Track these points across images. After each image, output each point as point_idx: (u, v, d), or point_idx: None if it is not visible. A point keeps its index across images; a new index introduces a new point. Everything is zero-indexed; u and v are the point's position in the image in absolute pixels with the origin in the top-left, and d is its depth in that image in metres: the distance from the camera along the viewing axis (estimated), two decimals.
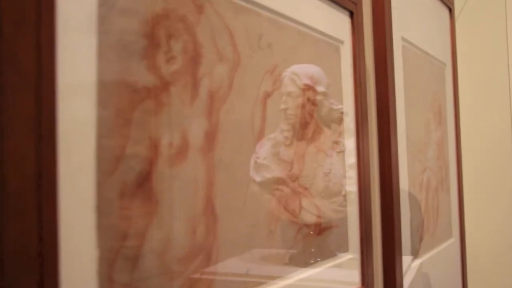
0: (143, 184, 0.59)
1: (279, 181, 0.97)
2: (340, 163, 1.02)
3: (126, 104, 0.58)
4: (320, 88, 0.98)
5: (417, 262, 1.34)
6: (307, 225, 0.86)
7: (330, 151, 1.00)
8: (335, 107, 1.02)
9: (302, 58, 0.87)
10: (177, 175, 0.63)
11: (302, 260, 0.86)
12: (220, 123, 0.69)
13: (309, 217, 0.98)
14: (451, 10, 1.66)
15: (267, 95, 0.78)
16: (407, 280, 1.27)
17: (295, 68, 0.99)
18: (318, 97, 0.97)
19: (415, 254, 1.29)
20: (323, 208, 0.96)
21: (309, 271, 0.87)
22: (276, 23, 0.82)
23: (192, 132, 0.65)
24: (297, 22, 0.86)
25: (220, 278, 0.68)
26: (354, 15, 1.04)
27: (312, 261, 0.88)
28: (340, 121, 1.02)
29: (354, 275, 1.00)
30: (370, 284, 1.02)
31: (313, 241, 0.88)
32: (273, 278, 0.78)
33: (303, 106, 0.97)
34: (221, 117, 0.70)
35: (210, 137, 0.68)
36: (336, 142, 1.01)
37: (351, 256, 0.98)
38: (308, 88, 0.97)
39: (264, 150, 0.95)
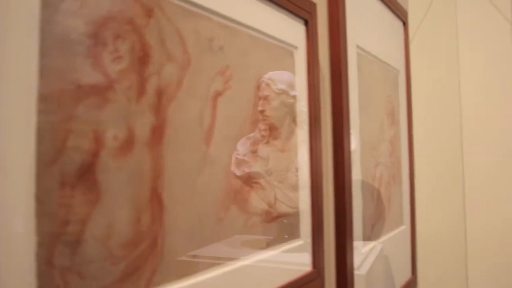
0: (85, 175, 0.55)
1: (257, 175, 0.93)
2: (304, 160, 0.98)
3: (69, 100, 0.53)
4: (292, 92, 0.95)
5: (374, 248, 1.31)
6: (258, 214, 0.81)
7: (300, 148, 0.96)
8: (304, 109, 0.99)
9: (254, 61, 0.83)
10: (122, 167, 0.59)
11: (252, 245, 0.81)
12: (168, 119, 0.65)
13: (283, 208, 0.95)
14: (404, 23, 1.63)
15: (218, 94, 0.74)
16: (364, 265, 1.24)
17: (271, 74, 0.95)
18: (290, 100, 0.94)
19: (367, 239, 1.25)
20: (294, 199, 0.92)
21: (259, 255, 0.82)
22: (228, 28, 0.77)
23: (138, 126, 0.61)
24: (249, 28, 0.82)
25: (166, 263, 0.64)
26: (308, 23, 1.00)
27: (263, 247, 0.84)
28: (303, 122, 0.99)
29: (306, 259, 0.96)
30: (320, 267, 0.98)
31: (264, 228, 0.84)
32: (221, 260, 0.74)
33: (278, 108, 0.94)
34: (169, 114, 0.65)
35: (158, 132, 0.63)
36: (305, 141, 0.98)
37: (302, 242, 0.94)
38: (282, 92, 0.93)
39: (244, 147, 0.91)
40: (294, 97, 0.95)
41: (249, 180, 0.91)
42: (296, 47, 0.96)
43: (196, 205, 0.69)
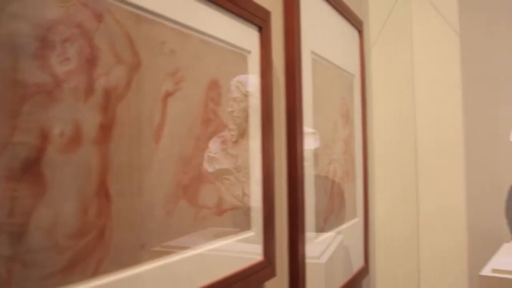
0: (31, 169, 0.54)
1: (227, 172, 0.93)
2: (257, 158, 0.99)
3: (14, 98, 0.53)
4: (257, 94, 0.95)
5: (326, 238, 1.32)
6: (208, 207, 0.81)
7: (254, 146, 0.96)
8: (252, 111, 0.99)
9: (207, 64, 0.83)
10: (69, 162, 0.58)
11: (204, 236, 0.81)
12: (117, 117, 0.65)
13: (251, 201, 0.95)
14: (360, 32, 1.64)
15: (169, 94, 0.74)
16: (316, 254, 1.24)
17: (240, 77, 0.96)
18: (256, 101, 0.94)
19: (320, 231, 1.25)
20: (240, 196, 0.92)
21: (210, 245, 0.82)
22: (181, 33, 0.77)
23: (85, 124, 0.60)
24: (202, 33, 0.82)
25: (114, 252, 0.63)
26: (262, 30, 1.00)
27: (214, 237, 0.84)
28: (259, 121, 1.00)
29: (257, 249, 0.96)
30: (271, 256, 0.99)
31: (215, 221, 0.84)
32: (172, 249, 0.74)
33: (245, 109, 0.94)
34: (118, 112, 0.65)
35: (106, 129, 0.63)
36: (257, 139, 0.98)
37: (254, 233, 0.94)
38: (250, 94, 0.93)
39: (215, 146, 0.91)
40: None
41: (220, 176, 0.91)
42: (249, 52, 0.96)
43: (145, 198, 0.69)
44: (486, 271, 1.50)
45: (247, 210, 0.94)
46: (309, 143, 1.23)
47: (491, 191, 1.97)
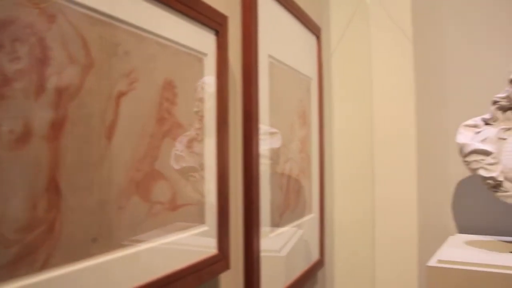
0: None
1: (192, 169, 0.93)
2: (212, 157, 0.98)
3: None
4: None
5: (282, 233, 1.33)
6: (161, 203, 0.81)
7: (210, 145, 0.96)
8: (206, 112, 0.98)
9: (161, 65, 0.83)
10: (18, 158, 0.57)
11: (157, 230, 0.81)
12: (69, 115, 0.64)
13: (206, 197, 0.95)
14: (318, 38, 1.65)
15: (122, 94, 0.73)
16: (272, 248, 1.25)
17: (207, 78, 0.95)
18: (212, 102, 0.93)
19: (276, 225, 1.26)
20: (194, 193, 0.92)
21: (164, 239, 0.82)
22: (135, 35, 0.77)
23: (36, 122, 0.59)
24: (157, 35, 0.82)
25: (63, 246, 0.62)
26: (219, 34, 1.00)
27: (168, 232, 0.83)
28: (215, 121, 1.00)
29: (211, 243, 0.96)
30: (225, 250, 0.99)
31: (168, 215, 0.83)
32: (125, 243, 0.73)
33: (210, 109, 0.93)
34: (70, 110, 0.64)
35: (57, 126, 0.62)
36: (213, 138, 0.98)
37: (208, 228, 0.94)
38: (208, 95, 0.93)
39: (181, 144, 0.90)
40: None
41: (186, 173, 0.91)
42: (206, 54, 0.96)
43: (97, 194, 0.68)
44: (433, 262, 1.53)
45: (202, 206, 0.94)
46: (269, 142, 1.24)
47: (440, 188, 2.03)
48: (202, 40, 0.96)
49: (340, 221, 2.14)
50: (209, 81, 0.98)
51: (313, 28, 1.60)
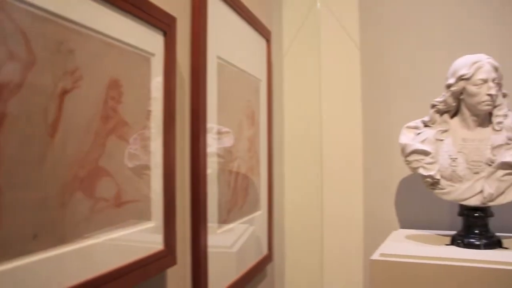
0: None
1: (145, 167, 0.92)
2: (159, 155, 0.98)
3: None
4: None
5: (230, 229, 1.34)
6: (106, 199, 0.80)
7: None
8: (154, 111, 0.98)
9: (108, 64, 0.83)
10: None
11: (100, 226, 0.80)
12: (9, 112, 0.62)
13: (152, 194, 0.94)
14: (268, 41, 1.68)
15: (65, 92, 0.73)
16: (220, 243, 1.26)
17: (153, 78, 0.94)
18: (159, 102, 0.93)
19: (223, 222, 1.27)
20: (140, 189, 0.92)
21: (109, 235, 0.81)
22: (80, 33, 0.76)
23: None
24: (104, 34, 0.81)
25: (2, 242, 0.61)
26: (167, 34, 1.00)
27: (113, 228, 0.83)
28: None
29: (158, 239, 0.96)
30: (172, 246, 0.99)
31: (113, 212, 0.83)
32: (68, 239, 0.72)
33: (157, 108, 0.92)
34: (10, 107, 0.63)
35: None
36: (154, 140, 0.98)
37: (154, 224, 0.94)
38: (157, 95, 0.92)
39: (135, 142, 0.89)
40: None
41: (139, 171, 0.90)
42: (153, 54, 0.97)
43: (38, 190, 0.67)
44: (376, 255, 1.59)
45: (148, 202, 0.94)
46: (221, 141, 1.25)
47: (384, 186, 2.10)
48: (150, 40, 0.96)
49: (289, 218, 2.18)
50: (157, 81, 0.98)
51: (263, 32, 1.63)
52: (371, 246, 2.01)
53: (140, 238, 0.91)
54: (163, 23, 1.00)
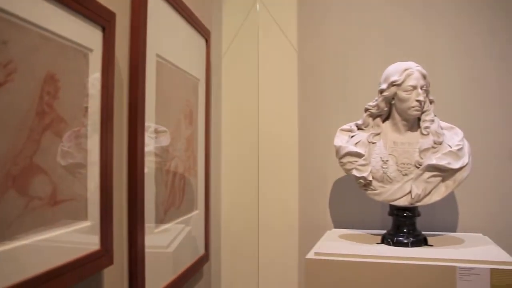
0: None
1: (79, 165, 0.89)
2: (95, 154, 0.97)
3: None
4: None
5: (167, 229, 1.33)
6: (40, 198, 0.78)
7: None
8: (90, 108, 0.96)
9: (44, 58, 0.81)
10: None
11: (33, 226, 0.78)
12: None
13: (89, 193, 0.92)
14: (207, 41, 1.69)
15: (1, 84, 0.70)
16: (157, 243, 1.25)
17: (91, 74, 0.92)
18: (97, 99, 0.91)
19: (160, 222, 1.27)
20: (76, 189, 0.90)
21: (42, 235, 0.79)
22: (14, 25, 0.73)
23: None
24: (40, 27, 0.79)
25: None
26: (106, 30, 0.99)
27: (46, 227, 0.81)
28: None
29: (94, 239, 0.94)
30: (108, 246, 0.98)
31: (48, 211, 0.81)
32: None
33: (95, 105, 0.90)
34: None
35: None
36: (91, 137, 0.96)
37: (90, 224, 0.93)
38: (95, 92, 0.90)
39: (69, 140, 0.86)
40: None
41: (73, 169, 0.88)
42: (91, 50, 0.95)
43: None
44: (310, 254, 1.64)
45: (84, 202, 0.92)
46: (158, 140, 1.24)
47: (319, 187, 2.17)
48: (88, 35, 0.95)
49: (226, 218, 2.21)
50: (95, 77, 0.97)
51: (203, 31, 1.64)
52: (306, 245, 2.07)
53: (75, 238, 0.89)
54: (102, 18, 0.98)
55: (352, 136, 1.84)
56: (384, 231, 1.86)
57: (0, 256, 0.71)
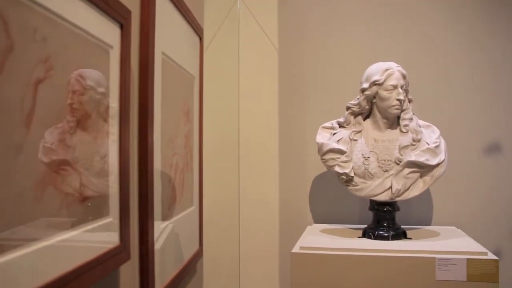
0: None
1: (63, 162, 0.87)
2: (115, 149, 0.95)
3: None
4: (100, 89, 0.90)
5: (170, 225, 1.33)
6: (71, 194, 0.77)
7: (106, 139, 0.92)
8: (111, 105, 0.95)
9: (74, 54, 0.80)
10: None
11: (67, 223, 0.77)
12: None
13: (88, 192, 0.90)
14: (201, 39, 1.69)
15: (39, 81, 0.69)
16: (161, 239, 1.25)
17: (81, 71, 0.90)
18: (98, 96, 0.89)
19: (165, 218, 1.27)
20: (99, 184, 0.88)
21: (72, 232, 0.78)
22: (51, 21, 0.72)
23: None
24: (70, 23, 0.78)
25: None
26: (124, 27, 0.98)
27: (76, 224, 0.79)
28: (114, 116, 0.95)
29: (114, 235, 0.94)
30: (126, 242, 0.98)
31: (78, 207, 0.80)
32: (33, 240, 0.68)
33: (86, 102, 0.88)
34: None
35: None
36: (111, 133, 0.94)
37: (111, 220, 0.92)
38: (91, 88, 0.88)
39: (52, 136, 0.84)
40: (101, 93, 0.91)
41: (57, 167, 0.86)
42: (111, 47, 0.94)
43: (14, 184, 0.62)
44: (296, 248, 1.67)
45: (106, 198, 0.91)
46: (157, 137, 1.23)
47: (299, 183, 2.20)
48: (109, 32, 0.94)
49: (208, 213, 2.20)
50: (114, 74, 0.95)
51: (197, 29, 1.63)
52: (286, 240, 2.11)
53: (100, 234, 0.88)
54: (120, 15, 0.97)
55: (334, 134, 1.89)
56: (362, 226, 1.92)
57: (42, 252, 0.69)
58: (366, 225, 1.89)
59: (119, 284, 1.01)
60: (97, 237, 0.88)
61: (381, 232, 1.81)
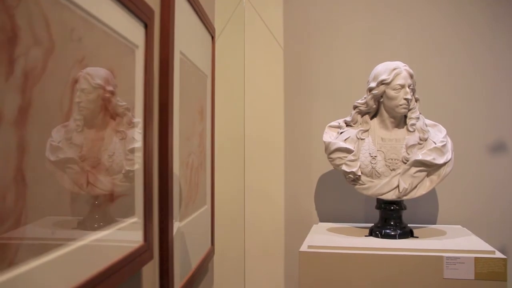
0: None
1: (70, 161, 0.86)
2: (122, 148, 0.94)
3: None
4: (109, 88, 0.89)
5: (186, 224, 1.33)
6: (103, 195, 0.76)
7: (114, 138, 0.91)
8: (120, 103, 0.94)
9: (104, 55, 0.79)
10: None
11: (96, 223, 0.76)
12: (33, 101, 0.58)
13: (95, 191, 0.89)
14: (213, 38, 1.68)
15: (76, 81, 0.68)
16: (178, 238, 1.24)
17: (89, 69, 0.89)
18: (107, 95, 0.88)
19: (182, 218, 1.26)
20: (106, 183, 0.87)
21: (101, 233, 0.77)
22: (86, 21, 0.71)
23: (6, 106, 0.52)
24: (102, 23, 0.77)
25: (27, 240, 0.56)
26: (148, 27, 0.97)
27: (103, 224, 0.79)
28: (123, 115, 0.94)
29: (139, 235, 0.93)
30: (150, 241, 0.97)
31: (106, 208, 0.79)
32: (68, 240, 0.67)
33: (94, 101, 0.87)
34: (34, 95, 0.58)
35: (23, 112, 0.56)
36: (119, 132, 0.93)
37: (136, 220, 0.91)
38: (99, 87, 0.87)
39: (58, 135, 0.84)
40: (110, 92, 0.90)
41: (63, 165, 0.85)
42: (137, 46, 0.93)
43: (55, 184, 0.62)
44: (304, 247, 1.67)
45: (132, 198, 0.91)
46: (175, 136, 1.23)
47: (304, 182, 2.20)
48: (135, 31, 0.93)
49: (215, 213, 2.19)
50: (139, 74, 0.94)
51: (210, 28, 1.62)
52: (292, 238, 2.11)
53: (126, 233, 0.88)
54: (145, 15, 0.96)
55: (341, 133, 1.88)
56: (368, 224, 1.92)
57: (81, 250, 0.69)
58: (372, 224, 1.89)
59: (141, 284, 1.01)
60: (124, 236, 0.87)
61: (388, 231, 1.82)
